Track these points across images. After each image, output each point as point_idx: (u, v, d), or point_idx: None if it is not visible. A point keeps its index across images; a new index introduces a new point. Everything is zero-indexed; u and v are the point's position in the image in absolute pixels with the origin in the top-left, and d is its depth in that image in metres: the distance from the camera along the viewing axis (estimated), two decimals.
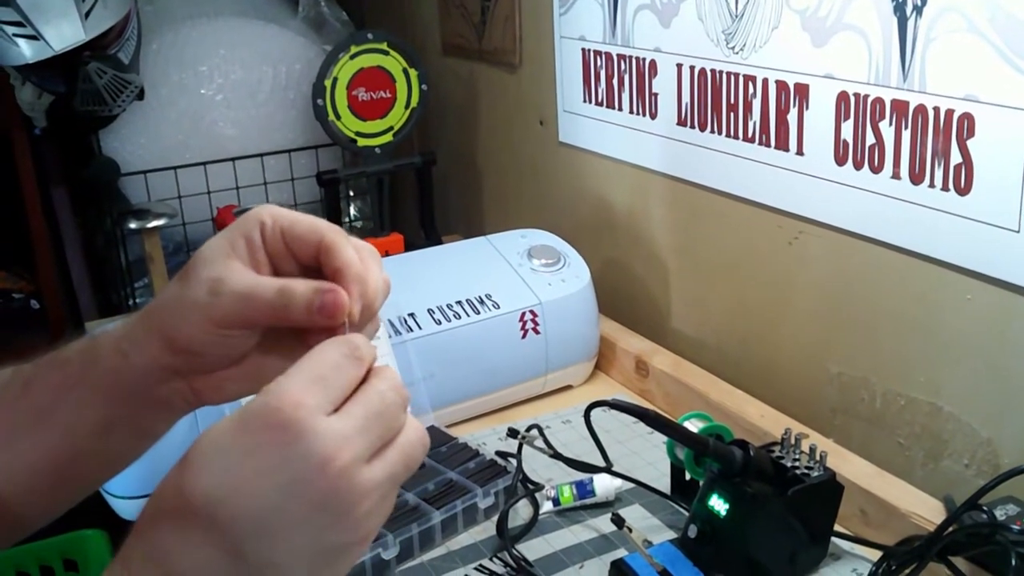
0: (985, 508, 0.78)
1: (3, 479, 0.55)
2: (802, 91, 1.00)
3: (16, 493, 0.56)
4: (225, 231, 0.54)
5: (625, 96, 1.28)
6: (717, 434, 0.87)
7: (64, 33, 1.38)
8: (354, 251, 0.52)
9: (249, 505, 0.42)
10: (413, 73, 1.59)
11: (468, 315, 1.13)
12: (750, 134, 1.08)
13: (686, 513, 0.90)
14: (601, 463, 0.97)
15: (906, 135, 0.89)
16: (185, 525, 0.42)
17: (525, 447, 0.99)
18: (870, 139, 0.93)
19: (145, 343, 0.54)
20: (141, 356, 0.54)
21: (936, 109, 0.86)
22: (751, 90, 1.06)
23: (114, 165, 1.63)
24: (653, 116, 1.24)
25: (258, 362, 0.55)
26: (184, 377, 0.55)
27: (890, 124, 0.91)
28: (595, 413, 0.91)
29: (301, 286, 0.51)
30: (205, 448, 0.43)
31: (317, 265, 0.53)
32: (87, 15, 1.39)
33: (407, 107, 1.60)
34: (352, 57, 1.54)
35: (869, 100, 0.92)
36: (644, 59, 1.23)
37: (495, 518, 0.94)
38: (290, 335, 0.55)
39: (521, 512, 0.96)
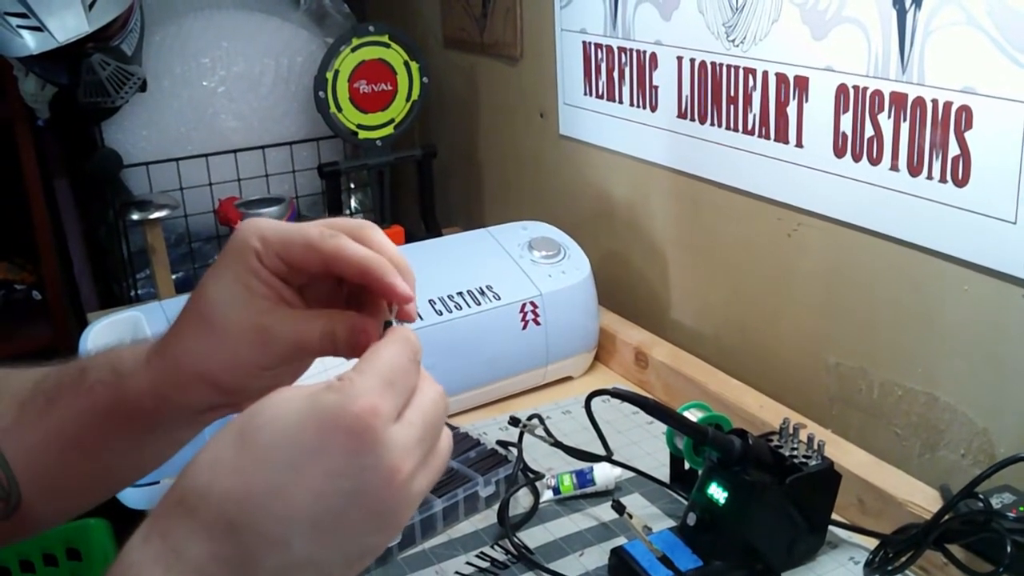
0: (981, 496, 0.78)
1: (24, 481, 0.56)
2: (802, 84, 1.00)
3: (36, 495, 0.57)
4: (225, 271, 0.53)
5: (625, 89, 1.29)
6: (716, 423, 0.88)
7: (68, 24, 1.39)
8: (359, 245, 0.52)
9: (311, 504, 0.42)
10: (414, 66, 1.59)
11: (469, 306, 1.14)
12: (750, 126, 1.08)
13: (685, 502, 0.90)
14: (601, 452, 0.98)
15: (904, 127, 0.90)
16: (239, 509, 0.42)
17: (526, 436, 1.00)
18: (869, 131, 0.94)
19: (192, 388, 0.54)
20: (188, 397, 0.55)
21: (934, 101, 0.86)
22: (751, 83, 1.07)
23: (116, 157, 1.63)
24: (653, 109, 1.24)
25: (299, 368, 0.56)
26: (233, 405, 0.55)
27: (889, 116, 0.91)
28: (595, 403, 0.92)
29: (340, 328, 0.52)
30: (271, 433, 0.42)
31: (326, 272, 0.53)
32: (91, 6, 1.39)
33: (408, 100, 1.60)
34: (353, 50, 1.54)
35: (868, 92, 0.93)
36: (645, 52, 1.23)
37: (496, 506, 0.94)
38: None
39: (522, 500, 0.97)
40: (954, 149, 0.86)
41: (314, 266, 0.52)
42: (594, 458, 0.98)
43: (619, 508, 0.81)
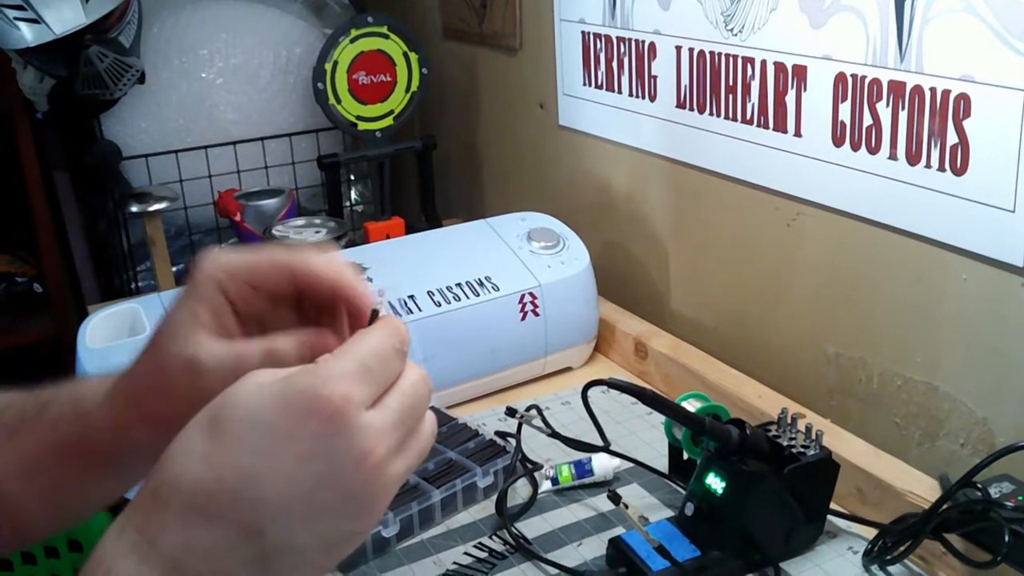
0: (979, 486, 0.78)
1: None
2: (800, 73, 1.00)
3: (23, 513, 0.57)
4: (184, 299, 0.53)
5: (624, 79, 1.28)
6: (714, 414, 0.87)
7: (65, 16, 1.39)
8: (324, 256, 0.52)
9: (281, 489, 0.41)
10: (413, 57, 1.59)
11: (468, 297, 1.14)
12: (748, 116, 1.08)
13: (683, 492, 0.90)
14: (599, 443, 0.98)
15: (903, 116, 0.89)
16: (210, 497, 0.41)
17: (524, 427, 1.00)
18: (867, 120, 0.93)
19: (144, 426, 0.54)
20: (145, 435, 0.54)
21: (933, 90, 0.86)
22: (749, 72, 1.07)
23: (116, 149, 1.63)
24: (652, 99, 1.24)
25: None
26: None
27: (887, 105, 0.91)
28: (594, 394, 0.91)
29: (284, 343, 0.52)
30: (240, 419, 0.42)
31: (292, 292, 0.53)
32: None
33: (407, 91, 1.60)
34: (352, 41, 1.54)
35: (866, 81, 0.92)
36: (643, 42, 1.23)
37: (494, 497, 0.94)
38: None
39: (520, 491, 0.97)
40: (952, 137, 0.85)
41: (282, 284, 0.52)
42: (591, 448, 0.98)
43: (615, 498, 0.80)
